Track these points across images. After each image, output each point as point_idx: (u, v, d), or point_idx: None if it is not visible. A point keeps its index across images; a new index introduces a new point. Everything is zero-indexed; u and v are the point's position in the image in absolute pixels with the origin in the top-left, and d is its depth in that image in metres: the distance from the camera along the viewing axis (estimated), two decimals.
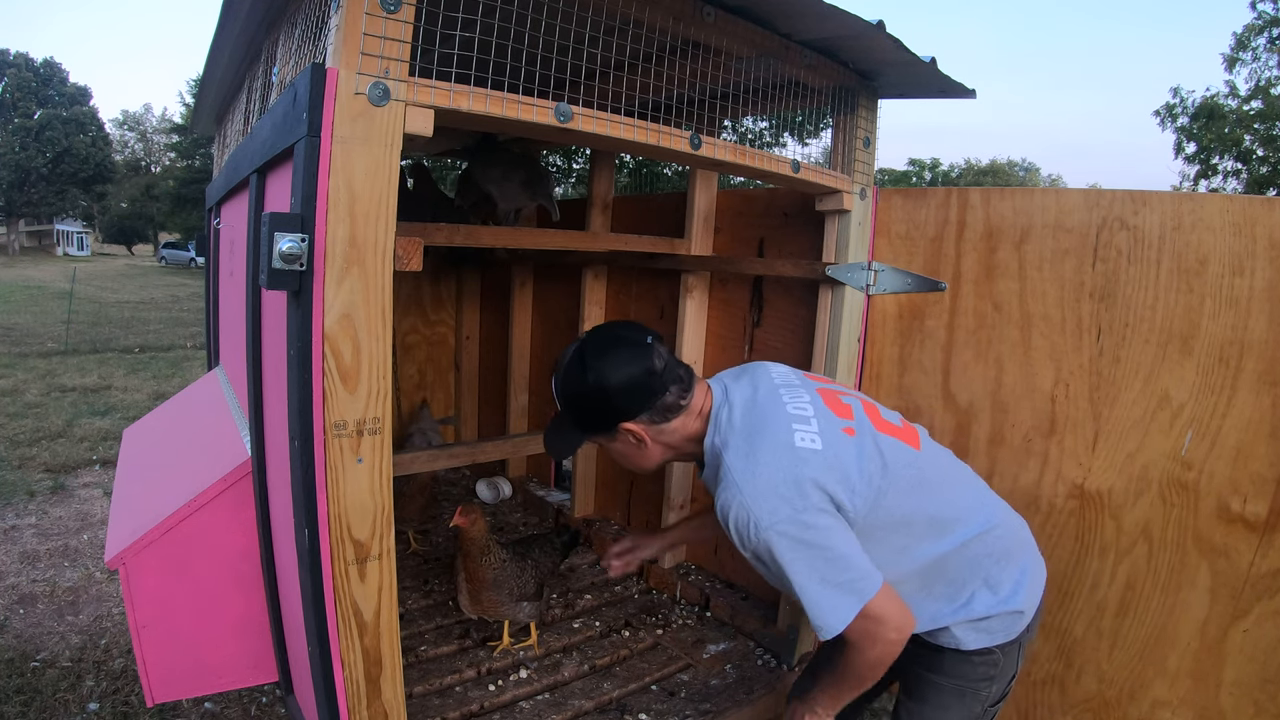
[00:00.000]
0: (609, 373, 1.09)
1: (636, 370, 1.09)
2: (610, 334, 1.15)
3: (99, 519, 3.29)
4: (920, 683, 1.22)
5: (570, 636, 1.93)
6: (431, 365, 3.25)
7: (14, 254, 28.98)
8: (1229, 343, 1.29)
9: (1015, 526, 1.22)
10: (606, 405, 1.11)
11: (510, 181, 2.20)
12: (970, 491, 1.21)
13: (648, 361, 1.10)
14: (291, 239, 0.96)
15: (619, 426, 1.13)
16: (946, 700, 1.19)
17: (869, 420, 1.13)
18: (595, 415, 1.13)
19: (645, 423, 1.13)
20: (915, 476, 1.11)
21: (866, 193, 1.73)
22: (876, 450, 1.09)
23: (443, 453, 1.61)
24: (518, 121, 1.10)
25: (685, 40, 1.41)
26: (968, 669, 1.17)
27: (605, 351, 1.10)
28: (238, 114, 2.13)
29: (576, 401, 1.14)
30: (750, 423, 1.10)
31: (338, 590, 1.08)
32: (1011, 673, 1.20)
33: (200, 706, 2.00)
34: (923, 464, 1.14)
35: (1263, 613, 1.27)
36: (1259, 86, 13.36)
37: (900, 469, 1.10)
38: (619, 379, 1.09)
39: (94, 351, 7.77)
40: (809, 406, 1.10)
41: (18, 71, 28.89)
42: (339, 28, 0.94)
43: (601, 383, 1.09)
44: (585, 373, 1.10)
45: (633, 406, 1.11)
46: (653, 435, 1.14)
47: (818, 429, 1.07)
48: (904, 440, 1.14)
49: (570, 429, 1.18)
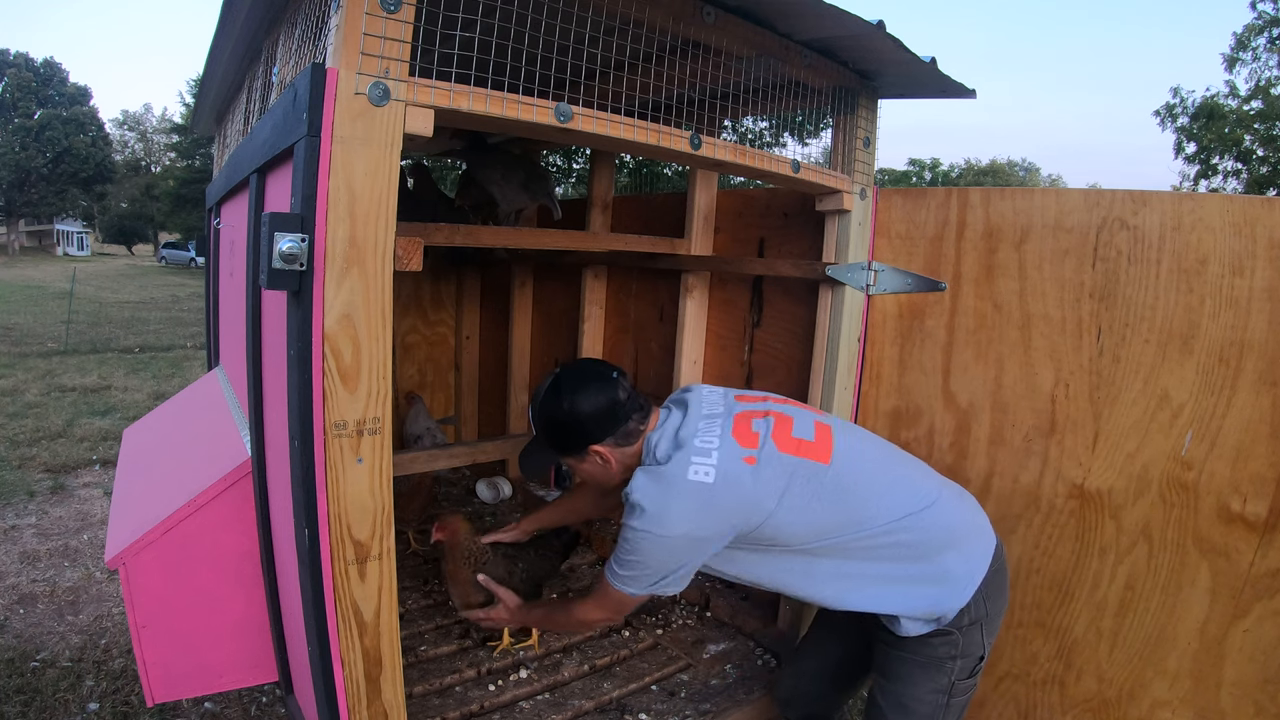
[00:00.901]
0: (581, 402, 1.26)
1: (604, 400, 1.26)
2: (581, 370, 1.33)
3: (99, 519, 3.30)
4: (888, 659, 1.31)
5: (570, 637, 1.92)
6: (431, 365, 3.25)
7: (14, 254, 28.98)
8: (1229, 343, 1.29)
9: (949, 511, 1.28)
10: (579, 430, 1.27)
11: (510, 183, 2.20)
12: (891, 490, 1.27)
13: (614, 393, 1.27)
14: (291, 239, 0.96)
15: (588, 449, 1.28)
16: (914, 674, 1.27)
17: (773, 444, 1.22)
18: (568, 438, 1.29)
19: (610, 445, 1.28)
20: (820, 488, 1.21)
21: (866, 193, 1.73)
22: (776, 473, 1.20)
23: (443, 453, 1.61)
24: (518, 121, 1.11)
25: (685, 40, 1.42)
26: (928, 648, 1.26)
27: (578, 385, 1.27)
28: (238, 114, 2.13)
29: (552, 426, 1.30)
30: (665, 450, 1.24)
31: (338, 590, 1.08)
32: (978, 652, 1.26)
33: (200, 706, 2.00)
34: (833, 475, 1.23)
35: (1263, 613, 1.27)
36: (1259, 86, 13.37)
37: (802, 485, 1.20)
38: (589, 407, 1.26)
39: (94, 351, 7.77)
40: (716, 439, 1.22)
41: (18, 71, 28.90)
42: (339, 28, 0.94)
43: (575, 410, 1.26)
44: (560, 401, 1.27)
45: (600, 431, 1.27)
46: (616, 457, 1.29)
47: (715, 461, 1.18)
48: (811, 457, 1.23)
49: (544, 450, 1.35)
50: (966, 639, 1.24)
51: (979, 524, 1.32)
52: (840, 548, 1.23)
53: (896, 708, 1.29)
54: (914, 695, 1.27)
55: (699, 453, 1.20)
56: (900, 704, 1.28)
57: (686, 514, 1.17)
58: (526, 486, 3.01)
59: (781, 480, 1.19)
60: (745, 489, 1.18)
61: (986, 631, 1.26)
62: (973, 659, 1.26)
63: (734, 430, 1.23)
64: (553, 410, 1.28)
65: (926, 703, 1.26)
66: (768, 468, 1.20)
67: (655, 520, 1.17)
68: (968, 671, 1.27)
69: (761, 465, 1.19)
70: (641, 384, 2.45)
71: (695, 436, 1.22)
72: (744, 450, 1.21)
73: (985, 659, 1.29)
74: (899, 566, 1.24)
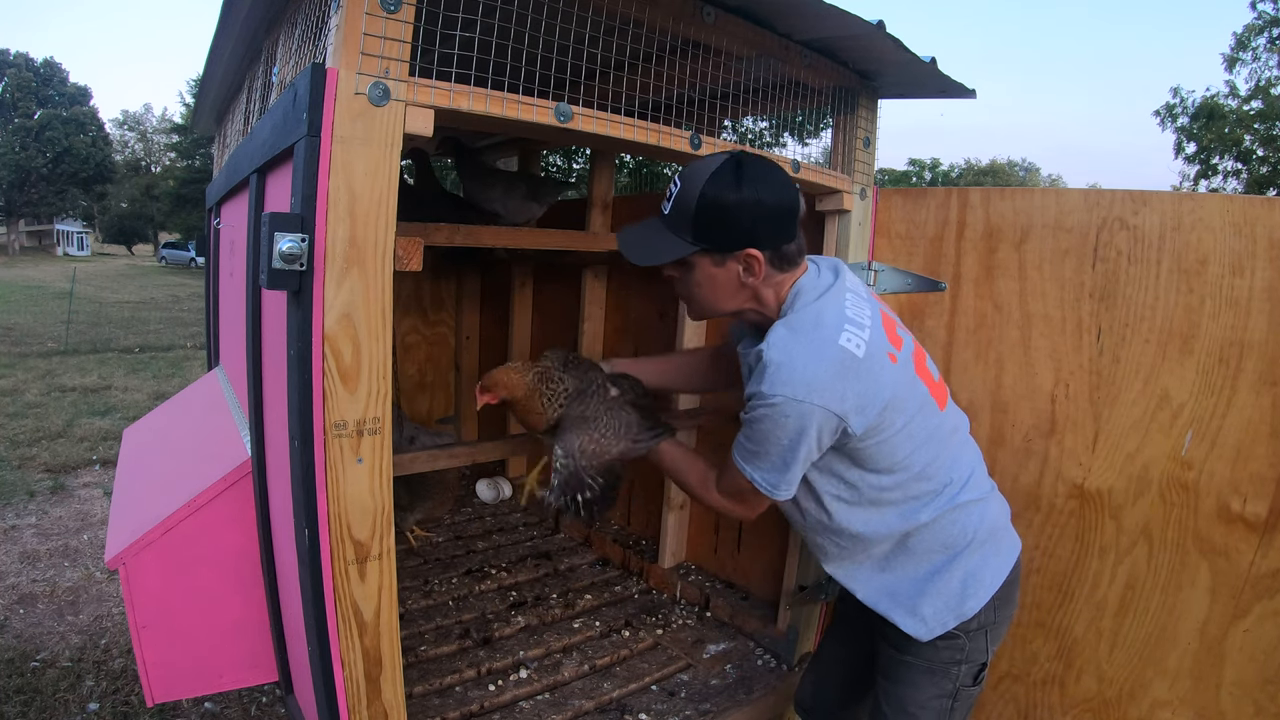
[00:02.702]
0: (766, 192, 1.07)
1: (789, 199, 1.09)
2: (766, 160, 1.12)
3: (99, 519, 3.30)
4: (891, 663, 1.26)
5: (570, 636, 1.93)
6: (431, 365, 3.25)
7: (14, 254, 28.98)
8: (1229, 343, 1.29)
9: (995, 511, 1.25)
10: (750, 223, 1.07)
11: (513, 197, 2.20)
12: (965, 463, 1.23)
13: (797, 198, 1.10)
14: (291, 239, 0.96)
15: (744, 251, 1.09)
16: (917, 679, 1.23)
17: (913, 361, 1.16)
18: (730, 229, 1.08)
19: (767, 258, 1.10)
20: (930, 428, 1.15)
21: (866, 193, 1.73)
22: (911, 388, 1.12)
23: (443, 453, 1.61)
24: (518, 121, 1.11)
25: (685, 40, 1.41)
26: (932, 652, 1.21)
27: (764, 172, 1.08)
28: (238, 114, 2.13)
29: (715, 210, 1.07)
30: (814, 306, 1.11)
31: (338, 590, 1.08)
32: (981, 658, 1.23)
33: (200, 706, 2.00)
34: (940, 422, 1.18)
35: (1263, 613, 1.27)
36: (1259, 86, 13.38)
37: (916, 414, 1.13)
38: (773, 200, 1.07)
39: (94, 351, 7.77)
40: (867, 318, 1.11)
41: (18, 71, 28.92)
42: (339, 28, 0.94)
43: (758, 197, 1.06)
44: (742, 184, 1.06)
45: (769, 235, 1.09)
46: (765, 275, 1.12)
47: (868, 338, 1.08)
48: (933, 394, 1.17)
49: (674, 237, 1.11)
50: (973, 644, 1.21)
51: (1010, 529, 1.28)
52: (908, 500, 1.17)
53: (900, 712, 1.25)
54: (917, 700, 1.23)
55: (853, 323, 1.08)
56: (903, 709, 1.24)
57: (830, 381, 1.03)
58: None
59: (913, 399, 1.12)
60: (889, 376, 1.08)
61: (992, 638, 1.23)
62: (977, 665, 1.23)
63: (883, 322, 1.14)
64: (724, 191, 1.06)
65: (930, 708, 1.23)
66: (905, 375, 1.12)
67: (794, 383, 1.03)
68: (972, 677, 1.23)
69: (901, 368, 1.11)
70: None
71: (847, 306, 1.11)
72: (890, 346, 1.11)
73: (988, 664, 1.26)
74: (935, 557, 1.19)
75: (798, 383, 1.03)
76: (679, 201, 1.10)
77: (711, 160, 1.09)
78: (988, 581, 1.19)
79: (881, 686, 1.29)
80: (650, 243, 1.15)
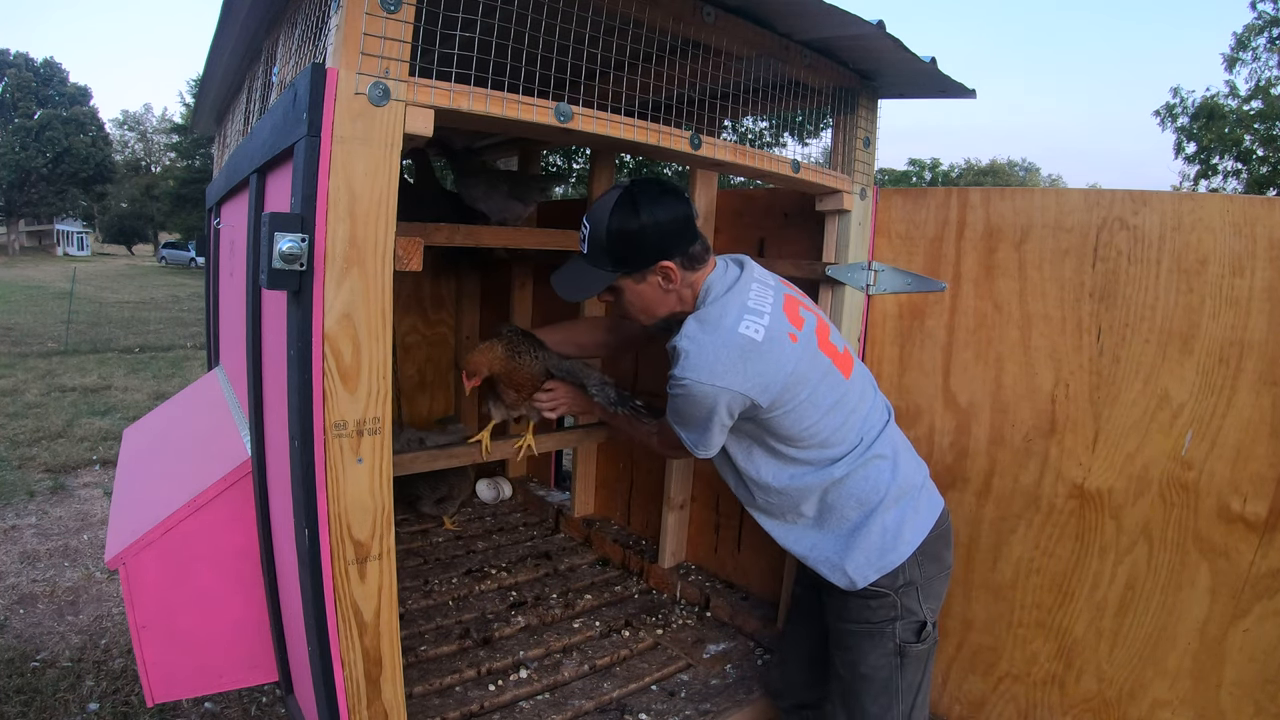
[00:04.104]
0: (661, 212, 1.22)
1: (683, 212, 1.25)
2: (653, 182, 1.27)
3: (99, 519, 3.30)
4: (838, 633, 1.36)
5: (570, 636, 1.93)
6: (431, 365, 3.25)
7: (14, 254, 28.99)
8: (1229, 343, 1.29)
9: (908, 470, 1.33)
10: (655, 242, 1.23)
11: (494, 197, 2.21)
12: (873, 424, 1.34)
13: (689, 208, 1.26)
14: (291, 239, 0.96)
15: (657, 264, 1.25)
16: (861, 644, 1.32)
17: (815, 337, 1.28)
18: (639, 251, 1.24)
19: (679, 264, 1.26)
20: (837, 397, 1.28)
21: (866, 193, 1.73)
22: (813, 363, 1.25)
23: (443, 453, 1.61)
24: (518, 121, 1.11)
25: (685, 40, 1.42)
26: (868, 612, 1.30)
27: (655, 195, 1.23)
28: (238, 114, 2.13)
29: (622, 239, 1.23)
30: (718, 300, 1.26)
31: (338, 590, 1.08)
32: (917, 616, 1.30)
33: (200, 706, 2.00)
34: (847, 389, 1.30)
35: (1263, 613, 1.27)
36: (1259, 86, 13.35)
37: (820, 384, 1.25)
38: (668, 216, 1.23)
39: (94, 351, 7.77)
40: (768, 305, 1.25)
41: (18, 71, 28.93)
42: (339, 28, 0.94)
43: (656, 220, 1.22)
44: (640, 211, 1.21)
45: (675, 245, 1.25)
46: (680, 279, 1.28)
47: (767, 323, 1.22)
48: (837, 365, 1.30)
49: (597, 270, 1.28)
50: (904, 602, 1.29)
51: (931, 488, 1.37)
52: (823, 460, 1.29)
53: (856, 677, 1.33)
54: (868, 663, 1.32)
55: (752, 312, 1.23)
56: (857, 672, 1.33)
57: (731, 365, 1.18)
58: (527, 486, 3.01)
59: (815, 371, 1.25)
60: (787, 356, 1.21)
61: (924, 595, 1.30)
62: (912, 622, 1.30)
63: (784, 306, 1.27)
64: (625, 221, 1.22)
65: (880, 667, 1.31)
66: (807, 351, 1.24)
67: (700, 368, 1.18)
68: (912, 634, 1.30)
69: (802, 346, 1.24)
70: (641, 384, 2.45)
71: (749, 297, 1.25)
72: (790, 327, 1.25)
73: (933, 625, 1.32)
74: (852, 514, 1.29)
75: (704, 368, 1.18)
76: (592, 240, 1.27)
77: (608, 198, 1.25)
78: (907, 538, 1.28)
79: (835, 656, 1.38)
80: (579, 280, 1.31)
